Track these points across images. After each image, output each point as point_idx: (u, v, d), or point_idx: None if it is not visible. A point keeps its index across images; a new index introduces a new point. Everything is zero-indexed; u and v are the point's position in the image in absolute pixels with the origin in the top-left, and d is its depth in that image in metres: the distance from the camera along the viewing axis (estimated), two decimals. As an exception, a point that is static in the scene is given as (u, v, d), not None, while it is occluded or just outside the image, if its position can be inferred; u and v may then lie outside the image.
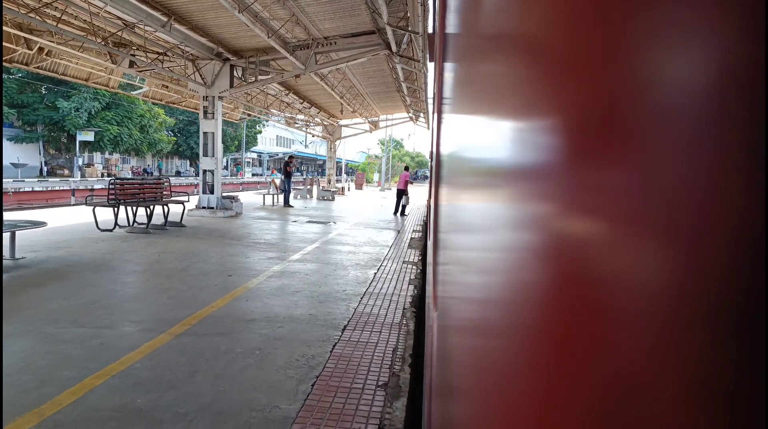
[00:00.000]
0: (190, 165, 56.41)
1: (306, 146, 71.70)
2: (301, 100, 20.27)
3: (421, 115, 26.86)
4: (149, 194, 10.44)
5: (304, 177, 25.38)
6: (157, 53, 12.87)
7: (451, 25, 1.77)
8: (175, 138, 47.17)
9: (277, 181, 18.26)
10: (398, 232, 12.22)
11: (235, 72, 13.59)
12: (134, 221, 10.02)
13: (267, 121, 46.95)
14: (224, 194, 14.21)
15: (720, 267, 0.15)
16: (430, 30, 9.44)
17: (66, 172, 37.22)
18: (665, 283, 0.18)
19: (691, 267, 0.16)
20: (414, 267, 7.96)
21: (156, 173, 51.48)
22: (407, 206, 16.78)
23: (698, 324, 0.16)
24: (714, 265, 0.15)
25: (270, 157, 71.43)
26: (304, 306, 5.25)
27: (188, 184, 35.81)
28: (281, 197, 17.88)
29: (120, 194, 9.44)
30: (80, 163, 38.13)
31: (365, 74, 17.56)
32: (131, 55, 12.80)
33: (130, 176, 41.94)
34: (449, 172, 1.84)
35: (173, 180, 37.74)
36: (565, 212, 0.32)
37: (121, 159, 47.93)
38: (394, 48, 12.06)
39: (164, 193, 10.90)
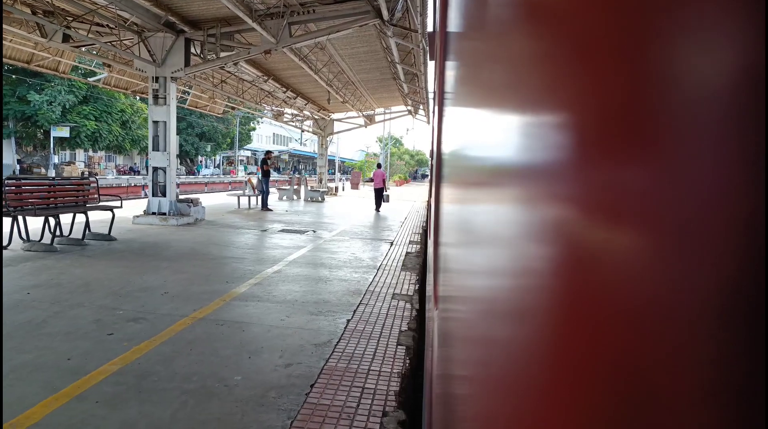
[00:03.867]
0: (181, 163, 53.97)
1: (302, 144, 69.23)
2: (284, 89, 17.82)
3: (421, 108, 24.42)
4: (65, 199, 8.02)
5: (292, 175, 22.90)
6: (95, 23, 10.45)
7: (453, 17, 1.64)
8: (161, 134, 44.71)
9: (254, 181, 15.83)
10: (391, 244, 9.81)
11: (192, 48, 11.17)
12: (43, 234, 7.60)
13: (261, 117, 44.49)
14: (182, 196, 11.80)
15: (729, 266, 0.15)
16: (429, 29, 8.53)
17: (43, 170, 34.81)
18: (675, 285, 0.18)
19: (701, 267, 0.16)
20: (409, 304, 5.55)
21: (144, 172, 49.09)
22: (383, 204, 17.29)
23: (708, 325, 0.16)
24: (723, 264, 0.15)
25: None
26: (195, 418, 2.84)
27: (179, 182, 33.38)
28: (265, 199, 15.44)
29: (14, 200, 7.01)
30: (56, 160, 35.73)
31: (355, 57, 15.12)
32: (65, 26, 10.39)
33: (113, 175, 39.51)
34: (451, 171, 1.70)
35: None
36: (573, 212, 0.31)
37: (106, 157, 45.50)
38: (385, 15, 9.63)
39: (89, 197, 8.48)
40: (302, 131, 29.69)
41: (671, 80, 0.19)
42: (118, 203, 8.84)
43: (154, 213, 10.82)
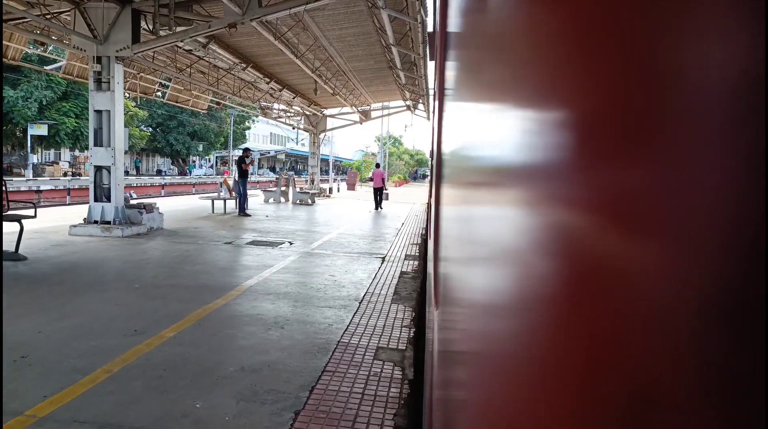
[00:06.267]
0: (173, 163, 52.01)
1: (300, 143, 67.26)
2: (267, 79, 15.91)
3: (420, 103, 22.55)
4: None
5: (278, 175, 20.94)
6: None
7: (454, 15, 1.60)
8: (149, 133, 42.79)
9: (230, 182, 13.95)
10: (383, 259, 7.95)
11: (144, 22, 9.29)
12: None
13: (255, 115, 42.55)
14: (135, 201, 9.92)
15: (729, 266, 0.15)
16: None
17: (22, 171, 32.95)
18: (676, 285, 0.18)
19: (702, 267, 0.17)
20: (399, 369, 3.69)
21: (133, 172, 46.99)
22: (383, 202, 18.11)
23: (708, 325, 0.16)
24: (723, 264, 0.16)
25: (261, 154, 67.05)
26: None
27: (164, 183, 31.43)
28: (242, 202, 13.52)
29: None
30: (36, 160, 33.85)
31: (345, 40, 13.24)
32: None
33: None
34: (454, 172, 1.60)
35: (147, 180, 33.38)
36: (577, 212, 0.31)
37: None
38: (375, -22, 7.76)
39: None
40: (293, 128, 27.86)
41: (675, 78, 0.19)
42: (30, 212, 6.95)
43: (96, 221, 8.94)
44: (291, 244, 9.02)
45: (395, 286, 6.27)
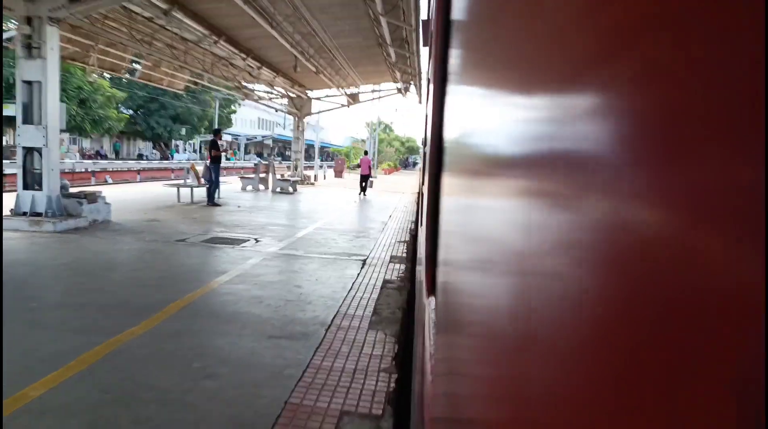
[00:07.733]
0: (154, 147, 50.09)
1: (288, 129, 65.33)
2: (243, 55, 14.42)
3: (413, 86, 21.15)
4: None
5: (257, 162, 19.53)
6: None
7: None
8: (127, 115, 40.91)
9: (199, 169, 12.55)
10: (364, 263, 6.67)
11: (83, -23, 7.83)
12: None
13: (241, 98, 40.74)
14: (74, 190, 8.54)
15: (731, 267, 0.15)
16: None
17: (-9, 153, 31.21)
18: (677, 285, 0.18)
19: (703, 266, 0.17)
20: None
21: (112, 156, 45.09)
22: (368, 189, 18.48)
23: (708, 324, 0.16)
24: (724, 264, 0.15)
25: (248, 140, 65.35)
26: None
27: (140, 168, 29.77)
28: (212, 191, 12.14)
29: None
30: (4, 142, 32.06)
31: (329, 12, 11.79)
32: None
33: (77, 160, 35.59)
34: (449, 160, 1.56)
35: (120, 164, 31.58)
36: (577, 205, 0.30)
37: (70, 139, 41.64)
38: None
39: None
40: (276, 110, 26.37)
41: (675, 73, 0.18)
42: None
43: (25, 213, 7.56)
44: (257, 241, 7.70)
45: (375, 301, 5.01)
